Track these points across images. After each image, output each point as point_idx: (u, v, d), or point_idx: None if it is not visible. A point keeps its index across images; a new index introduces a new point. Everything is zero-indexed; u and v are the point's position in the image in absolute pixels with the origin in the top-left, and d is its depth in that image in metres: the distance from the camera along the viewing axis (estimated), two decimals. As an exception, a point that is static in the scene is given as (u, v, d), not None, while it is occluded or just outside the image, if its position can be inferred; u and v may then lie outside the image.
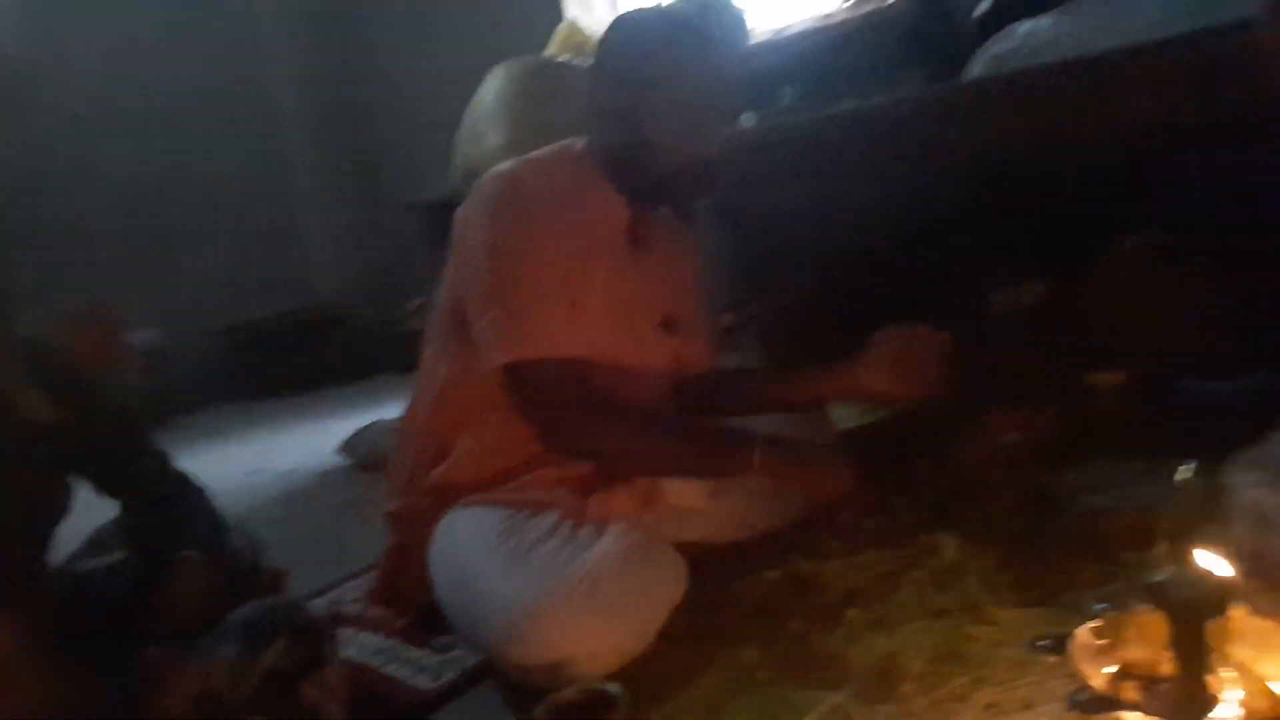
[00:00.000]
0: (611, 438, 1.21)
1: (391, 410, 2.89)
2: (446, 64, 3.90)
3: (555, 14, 3.42)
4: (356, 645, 1.38)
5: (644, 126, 1.20)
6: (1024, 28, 1.77)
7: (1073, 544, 1.21)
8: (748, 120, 2.07)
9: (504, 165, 1.28)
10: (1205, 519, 1.07)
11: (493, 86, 2.45)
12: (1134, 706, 0.56)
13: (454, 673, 1.27)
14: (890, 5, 2.05)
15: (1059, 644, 0.61)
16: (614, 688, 0.97)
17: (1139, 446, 1.48)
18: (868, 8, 2.08)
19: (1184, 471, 1.24)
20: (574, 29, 2.97)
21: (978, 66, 1.80)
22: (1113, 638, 0.62)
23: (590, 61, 1.30)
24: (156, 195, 4.18)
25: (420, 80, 4.19)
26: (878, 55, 1.99)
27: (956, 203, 2.17)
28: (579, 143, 1.31)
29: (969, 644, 1.02)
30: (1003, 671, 0.96)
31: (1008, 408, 1.65)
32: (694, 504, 1.36)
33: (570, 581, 1.08)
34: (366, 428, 2.64)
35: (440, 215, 2.55)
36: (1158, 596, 0.56)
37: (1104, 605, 0.64)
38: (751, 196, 2.20)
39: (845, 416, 1.69)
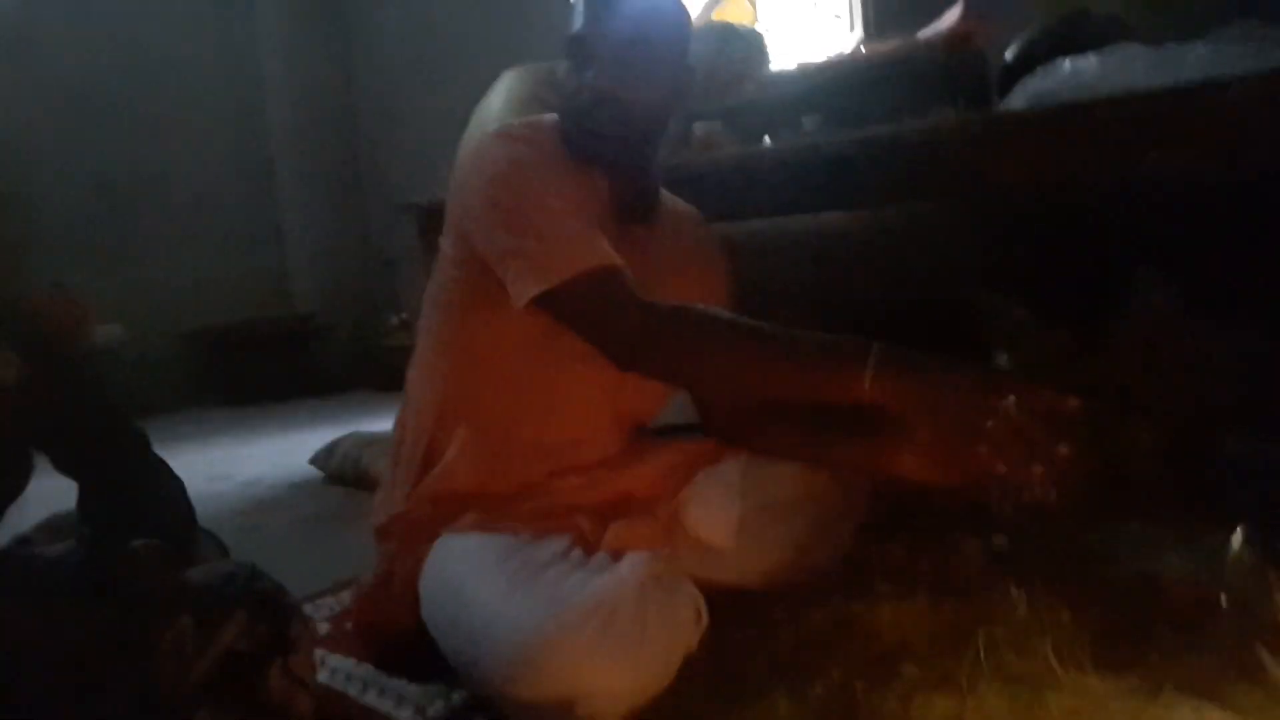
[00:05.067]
0: (688, 338, 1.08)
1: (367, 424, 2.75)
2: (443, 68, 3.80)
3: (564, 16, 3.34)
4: (327, 669, 1.23)
5: (593, 75, 1.18)
6: (1068, 64, 1.69)
7: (1139, 610, 1.09)
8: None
9: (488, 130, 1.26)
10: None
11: (503, 91, 2.34)
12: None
13: (440, 705, 1.13)
14: (921, 44, 1.98)
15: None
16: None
17: (1176, 509, 1.38)
18: (896, 45, 2.02)
19: (1236, 541, 1.13)
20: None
21: (1018, 100, 1.72)
22: None
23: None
24: (137, 191, 4.04)
25: (415, 83, 4.08)
26: (905, 90, 1.91)
27: (983, 238, 2.09)
28: (550, 117, 1.27)
29: (1045, 713, 0.89)
30: (1087, 747, 0.84)
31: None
32: (719, 540, 1.23)
33: (584, 609, 0.95)
34: (340, 440, 2.48)
35: (437, 216, 2.43)
36: None
37: None
38: (766, 222, 2.10)
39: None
